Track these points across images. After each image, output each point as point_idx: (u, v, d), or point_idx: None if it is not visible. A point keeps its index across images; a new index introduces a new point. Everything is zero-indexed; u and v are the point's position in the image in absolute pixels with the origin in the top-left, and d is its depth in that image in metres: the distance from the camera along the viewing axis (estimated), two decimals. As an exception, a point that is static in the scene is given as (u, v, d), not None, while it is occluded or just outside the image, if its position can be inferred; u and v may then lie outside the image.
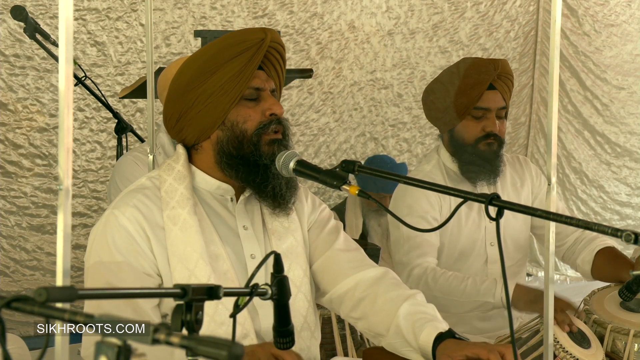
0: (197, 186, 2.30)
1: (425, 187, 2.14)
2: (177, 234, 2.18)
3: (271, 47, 2.26)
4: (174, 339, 1.24)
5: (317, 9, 5.98)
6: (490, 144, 3.33)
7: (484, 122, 3.32)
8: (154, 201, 2.22)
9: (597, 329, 2.96)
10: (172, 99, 2.28)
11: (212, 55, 2.22)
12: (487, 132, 3.32)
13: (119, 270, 2.15)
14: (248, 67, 2.21)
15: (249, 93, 2.24)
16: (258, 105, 2.26)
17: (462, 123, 3.34)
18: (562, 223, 1.93)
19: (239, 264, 2.27)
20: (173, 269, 2.17)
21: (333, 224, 2.48)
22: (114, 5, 5.30)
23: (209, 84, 2.21)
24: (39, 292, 1.30)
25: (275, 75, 2.32)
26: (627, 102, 6.94)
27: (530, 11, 6.64)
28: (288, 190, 2.27)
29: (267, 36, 2.23)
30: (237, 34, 2.27)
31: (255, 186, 2.25)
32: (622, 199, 7.06)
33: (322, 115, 6.16)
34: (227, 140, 2.24)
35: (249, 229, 2.31)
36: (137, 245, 2.17)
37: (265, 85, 2.27)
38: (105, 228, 2.20)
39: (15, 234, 5.14)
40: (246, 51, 2.21)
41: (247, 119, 2.24)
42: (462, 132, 3.36)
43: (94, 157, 5.35)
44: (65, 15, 1.74)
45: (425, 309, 2.28)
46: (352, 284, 2.37)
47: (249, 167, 2.24)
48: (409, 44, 6.35)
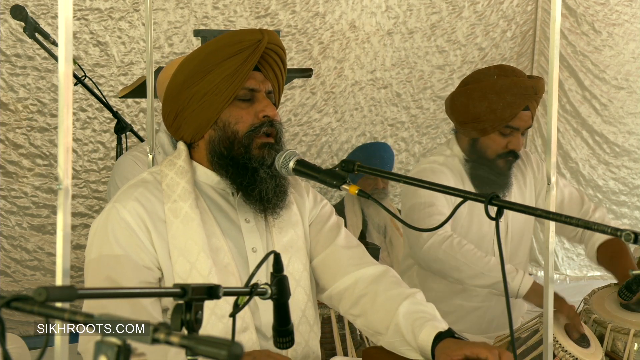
0: (199, 180, 2.30)
1: (426, 187, 2.14)
2: (178, 227, 2.18)
3: (269, 48, 2.25)
4: (173, 338, 1.24)
5: (319, 9, 5.97)
6: (508, 161, 3.35)
7: (510, 139, 3.32)
8: (155, 194, 2.23)
9: (597, 329, 2.96)
10: (169, 97, 2.29)
11: (208, 55, 2.23)
12: (509, 150, 3.33)
13: (118, 264, 2.15)
14: (243, 68, 2.21)
15: (243, 94, 2.25)
16: (252, 106, 2.26)
17: (489, 137, 3.33)
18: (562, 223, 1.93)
19: (240, 258, 2.27)
20: (174, 261, 2.17)
21: (334, 220, 2.48)
22: (117, 5, 5.30)
23: (204, 83, 2.21)
24: (38, 291, 1.30)
25: (274, 77, 2.32)
26: (626, 101, 6.94)
27: (528, 11, 6.63)
28: (275, 195, 2.27)
29: (264, 37, 2.22)
30: (234, 34, 2.27)
31: (243, 188, 2.26)
32: (618, 198, 7.06)
33: (324, 115, 6.16)
34: (218, 140, 2.25)
35: (250, 222, 2.31)
36: (138, 238, 2.17)
37: (260, 86, 2.27)
38: (107, 221, 2.20)
39: (16, 234, 5.14)
40: (242, 52, 2.21)
41: (239, 120, 2.24)
42: (486, 146, 3.35)
43: (96, 157, 5.35)
44: (65, 15, 1.74)
45: (425, 308, 2.28)
46: (352, 280, 2.37)
47: (237, 168, 2.24)
48: (407, 43, 6.35)
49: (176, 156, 2.30)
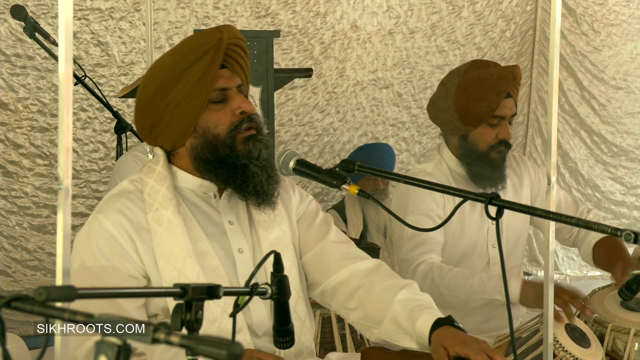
0: (179, 185, 2.29)
1: (426, 186, 2.14)
2: (162, 235, 2.18)
3: (231, 43, 2.23)
4: (173, 338, 1.24)
5: (320, 9, 5.97)
6: (500, 151, 3.34)
7: (498, 129, 3.32)
8: (137, 204, 2.22)
9: (598, 328, 2.96)
10: (141, 110, 2.28)
11: (174, 64, 2.21)
12: (500, 140, 3.33)
13: (103, 274, 2.14)
14: (210, 70, 2.20)
15: (216, 95, 2.23)
16: (226, 106, 2.25)
17: (478, 130, 3.33)
18: (562, 222, 1.93)
19: (227, 259, 2.27)
20: (162, 269, 2.16)
21: (322, 216, 2.48)
22: (117, 5, 5.30)
23: (175, 93, 2.20)
24: (38, 291, 1.30)
25: (240, 69, 2.30)
26: (624, 101, 6.94)
27: (528, 11, 6.63)
28: (270, 185, 2.27)
29: (223, 35, 2.21)
30: (194, 39, 2.27)
31: (237, 187, 2.26)
32: (616, 198, 7.06)
33: (326, 115, 6.16)
34: (201, 147, 2.24)
35: (234, 223, 2.31)
36: (122, 248, 2.16)
37: (230, 83, 2.26)
38: (89, 233, 2.20)
39: (16, 234, 5.14)
40: (205, 54, 2.19)
41: (217, 123, 2.23)
42: (476, 140, 3.34)
43: (96, 157, 5.35)
44: (65, 14, 1.74)
45: (422, 297, 2.29)
46: (347, 275, 2.36)
47: (227, 169, 2.24)
48: (408, 43, 6.35)
49: (155, 162, 2.29)
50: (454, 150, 3.42)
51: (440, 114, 3.42)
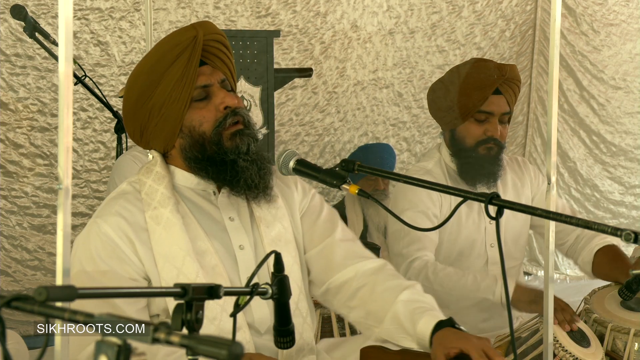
0: (178, 184, 2.29)
1: (426, 186, 2.14)
2: (161, 234, 2.18)
3: (208, 39, 2.23)
4: (173, 338, 1.24)
5: (320, 9, 5.97)
6: (490, 148, 3.33)
7: (486, 125, 3.32)
8: (135, 205, 2.22)
9: (598, 328, 2.96)
10: (128, 116, 2.28)
11: (153, 66, 2.21)
12: (488, 136, 3.32)
13: (103, 279, 2.14)
14: (189, 69, 2.19)
15: (198, 93, 2.23)
16: (210, 102, 2.24)
17: (465, 125, 3.34)
18: (562, 222, 1.93)
19: (227, 257, 2.26)
20: (161, 269, 2.16)
21: (328, 212, 2.47)
22: (117, 4, 5.30)
23: (158, 96, 2.20)
24: (38, 291, 1.30)
25: (222, 64, 2.29)
26: (623, 101, 6.94)
27: (528, 10, 6.63)
28: (262, 178, 2.27)
29: (198, 32, 2.21)
30: (169, 39, 2.26)
31: (228, 183, 2.26)
32: (615, 197, 7.06)
33: (326, 115, 6.16)
34: (189, 146, 2.24)
35: (235, 219, 2.30)
36: (121, 251, 2.16)
37: (212, 79, 2.25)
38: (88, 237, 2.20)
39: (16, 234, 5.14)
40: (182, 53, 2.19)
41: (202, 121, 2.22)
42: (463, 134, 3.35)
43: (96, 157, 5.35)
44: (65, 14, 1.74)
45: (425, 298, 2.28)
46: (351, 274, 2.36)
47: (217, 166, 2.23)
48: (408, 43, 6.35)
49: (152, 163, 2.29)
50: (448, 146, 3.44)
51: (433, 106, 3.48)
